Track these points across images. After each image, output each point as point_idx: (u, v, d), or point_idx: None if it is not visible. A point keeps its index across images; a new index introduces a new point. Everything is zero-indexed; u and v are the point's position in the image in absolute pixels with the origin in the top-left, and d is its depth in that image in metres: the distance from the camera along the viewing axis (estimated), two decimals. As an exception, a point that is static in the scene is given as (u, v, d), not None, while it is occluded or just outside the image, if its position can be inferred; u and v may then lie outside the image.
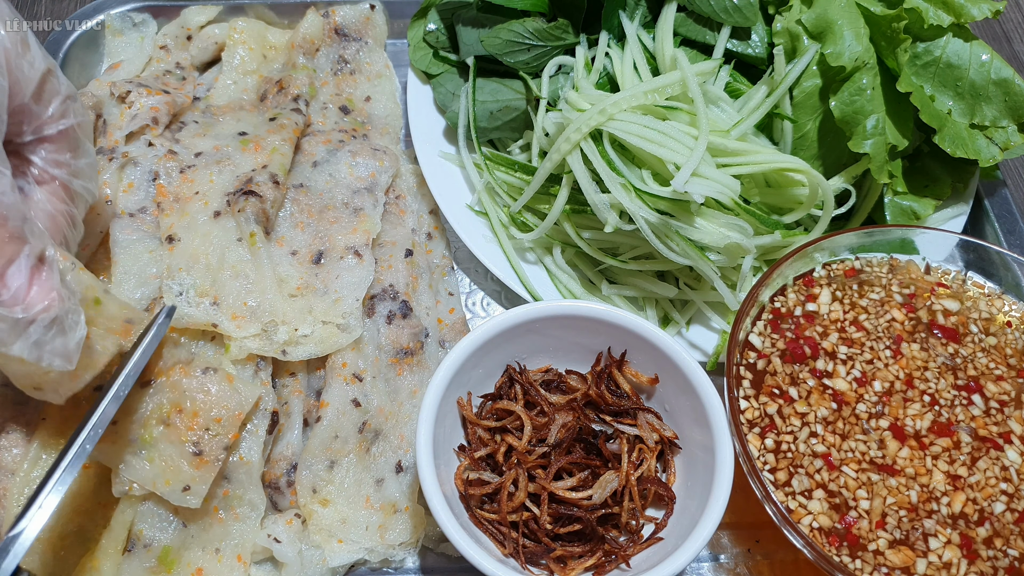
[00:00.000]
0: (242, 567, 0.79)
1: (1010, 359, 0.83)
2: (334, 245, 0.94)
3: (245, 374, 0.84)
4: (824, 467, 0.76)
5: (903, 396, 0.80)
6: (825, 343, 0.84)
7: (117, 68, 1.14)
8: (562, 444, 0.79)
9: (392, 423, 0.88)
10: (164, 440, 0.77)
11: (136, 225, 0.92)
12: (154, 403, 0.78)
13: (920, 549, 0.72)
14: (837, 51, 0.92)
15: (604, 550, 0.76)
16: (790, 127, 0.97)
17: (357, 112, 1.13)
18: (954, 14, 0.96)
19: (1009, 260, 0.88)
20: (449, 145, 1.10)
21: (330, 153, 1.02)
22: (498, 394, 0.86)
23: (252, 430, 0.81)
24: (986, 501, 0.74)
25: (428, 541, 0.84)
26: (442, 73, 1.11)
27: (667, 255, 0.89)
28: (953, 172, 1.02)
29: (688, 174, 0.85)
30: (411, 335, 0.92)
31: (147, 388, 0.79)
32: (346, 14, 1.17)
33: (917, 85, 0.95)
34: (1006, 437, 0.78)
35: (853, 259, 0.91)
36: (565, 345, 0.87)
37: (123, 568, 0.75)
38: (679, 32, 1.00)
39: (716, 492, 0.73)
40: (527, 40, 1.02)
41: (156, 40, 1.18)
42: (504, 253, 1.01)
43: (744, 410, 0.80)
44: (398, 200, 1.04)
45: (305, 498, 0.82)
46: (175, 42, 1.18)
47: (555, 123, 0.98)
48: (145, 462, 0.76)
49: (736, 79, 1.01)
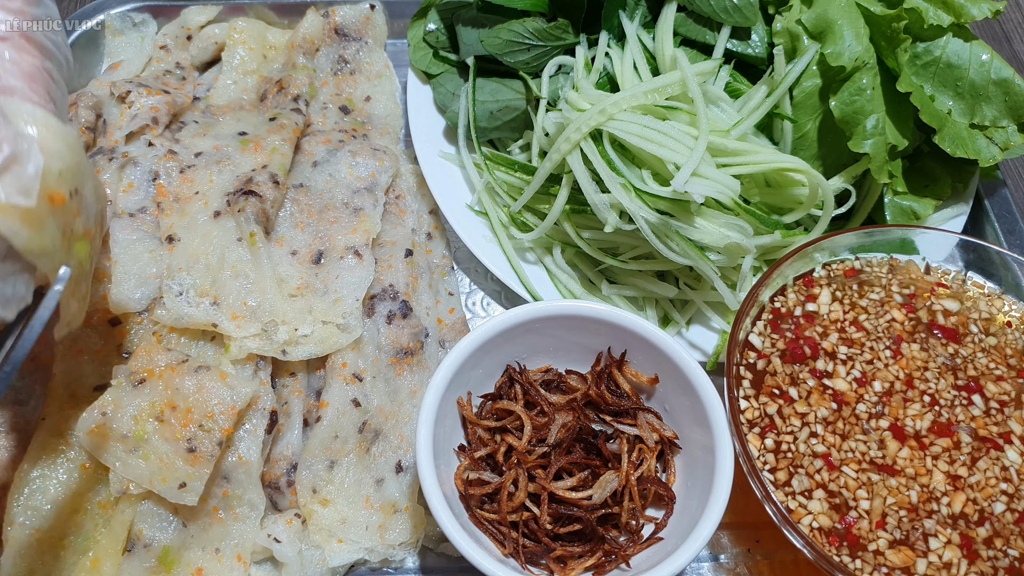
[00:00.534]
0: (242, 567, 0.79)
1: (1010, 359, 0.83)
2: (334, 245, 0.94)
3: (244, 374, 0.84)
4: (824, 467, 0.76)
5: (903, 396, 0.80)
6: (825, 343, 0.84)
7: (117, 68, 1.14)
8: (562, 444, 0.79)
9: (392, 423, 0.88)
10: (158, 437, 0.77)
11: (136, 225, 0.92)
12: (147, 401, 0.78)
13: (920, 549, 0.72)
14: (837, 51, 0.92)
15: (604, 550, 0.76)
16: (790, 127, 0.97)
17: (357, 112, 1.13)
18: (954, 14, 0.96)
19: (1009, 260, 0.88)
20: (449, 145, 1.10)
21: (330, 153, 1.02)
22: (498, 394, 0.86)
23: (251, 430, 0.81)
24: (986, 501, 0.74)
25: (428, 541, 0.84)
26: (442, 73, 1.11)
27: (667, 255, 0.89)
28: (953, 172, 1.02)
29: (688, 174, 0.85)
30: (411, 335, 0.92)
31: (141, 387, 0.79)
32: (346, 14, 1.18)
33: (917, 85, 0.95)
34: (1006, 437, 0.78)
35: (853, 259, 0.91)
36: (565, 345, 0.87)
37: (123, 568, 0.75)
38: (679, 32, 1.00)
39: (716, 492, 0.73)
40: (527, 40, 1.02)
41: (156, 40, 1.18)
42: (504, 253, 1.01)
43: (744, 410, 0.80)
44: (398, 200, 1.04)
45: (305, 498, 0.82)
46: (175, 42, 1.18)
47: (555, 123, 0.98)
48: (140, 460, 0.76)
49: (736, 79, 1.01)
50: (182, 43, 1.18)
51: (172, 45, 1.18)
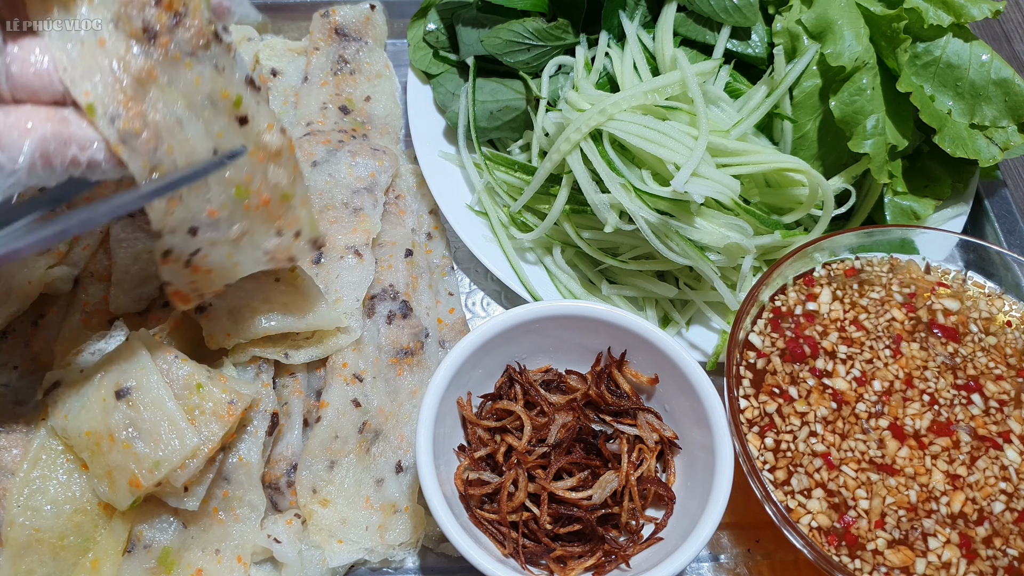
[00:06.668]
0: (242, 568, 0.79)
1: (1010, 359, 0.83)
2: (334, 245, 0.94)
3: (246, 376, 0.84)
4: (824, 466, 0.76)
5: (903, 396, 0.80)
6: (825, 342, 0.84)
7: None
8: (562, 444, 0.79)
9: (392, 423, 0.88)
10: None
11: (136, 224, 0.92)
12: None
13: (919, 549, 0.72)
14: (837, 51, 0.92)
15: (604, 550, 0.77)
16: (790, 127, 0.97)
17: (357, 112, 1.13)
18: (954, 14, 0.96)
19: (1009, 260, 0.88)
20: (449, 145, 1.10)
21: (330, 153, 1.02)
22: (498, 394, 0.86)
23: (252, 431, 0.81)
24: (985, 501, 0.74)
25: (428, 541, 0.84)
26: (442, 73, 1.11)
27: (667, 255, 0.89)
28: (953, 172, 1.02)
29: (688, 174, 0.85)
30: (411, 335, 0.92)
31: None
32: (346, 14, 1.17)
33: (917, 85, 0.95)
34: (1005, 437, 0.78)
35: (853, 259, 0.91)
36: (565, 345, 0.87)
37: (123, 569, 0.75)
38: (679, 32, 1.00)
39: (716, 492, 0.73)
40: (527, 40, 1.02)
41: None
42: (504, 253, 1.01)
43: (744, 409, 0.80)
44: (398, 200, 1.04)
45: (305, 498, 0.83)
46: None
47: (555, 123, 0.98)
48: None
49: (736, 79, 1.01)
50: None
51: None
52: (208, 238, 0.69)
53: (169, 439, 0.71)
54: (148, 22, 0.58)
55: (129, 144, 0.59)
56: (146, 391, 0.73)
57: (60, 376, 0.79)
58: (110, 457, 0.71)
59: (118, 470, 0.71)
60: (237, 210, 0.69)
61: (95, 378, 0.75)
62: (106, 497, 0.73)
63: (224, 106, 0.64)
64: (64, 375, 0.79)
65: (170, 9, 0.59)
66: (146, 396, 0.72)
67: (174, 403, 0.73)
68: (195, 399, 0.74)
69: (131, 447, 0.71)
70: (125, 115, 0.58)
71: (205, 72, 0.62)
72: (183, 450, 0.71)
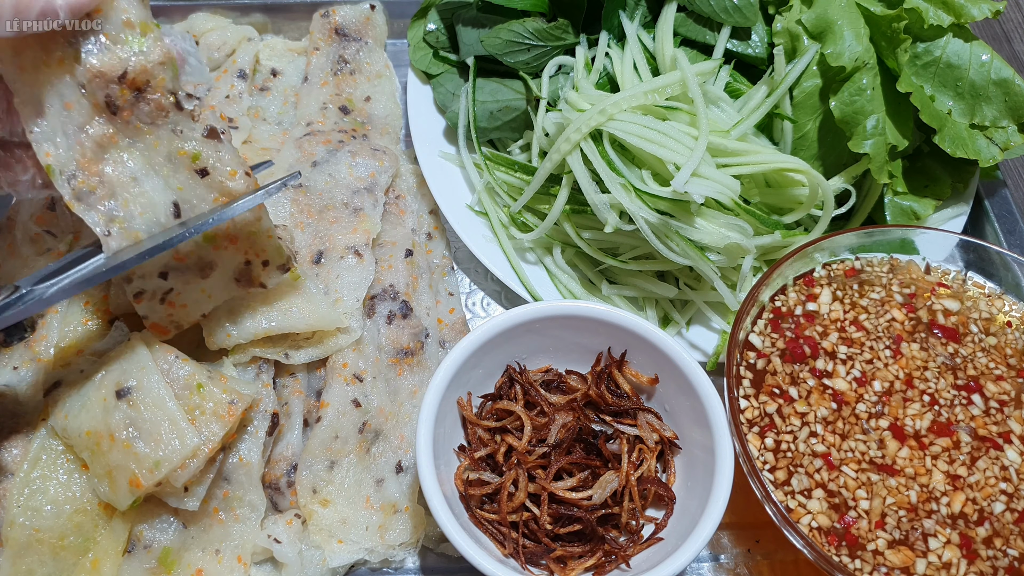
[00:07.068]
0: (242, 568, 0.79)
1: (1010, 359, 0.83)
2: (334, 245, 0.94)
3: (247, 376, 0.84)
4: (824, 467, 0.76)
5: (903, 396, 0.80)
6: (825, 343, 0.84)
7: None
8: (562, 444, 0.79)
9: (392, 423, 0.88)
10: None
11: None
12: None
13: (920, 549, 0.72)
14: (837, 51, 0.92)
15: (604, 550, 0.77)
16: (790, 127, 0.97)
17: (357, 112, 1.13)
18: (954, 14, 0.96)
19: (1009, 260, 0.88)
20: (449, 145, 1.10)
21: (330, 153, 1.02)
22: (498, 394, 0.86)
23: (252, 432, 0.81)
24: (986, 501, 0.74)
25: (428, 541, 0.84)
26: (442, 73, 1.11)
27: (667, 255, 0.89)
28: (953, 172, 1.02)
29: (688, 174, 0.85)
30: (411, 335, 0.92)
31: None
32: (346, 14, 1.17)
33: (917, 85, 0.95)
34: (1006, 437, 0.78)
35: (853, 259, 0.91)
36: (565, 345, 0.87)
37: (123, 569, 0.75)
38: (679, 32, 1.00)
39: (716, 492, 0.73)
40: (527, 40, 1.02)
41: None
42: (504, 253, 1.01)
43: (744, 409, 0.80)
44: (398, 200, 1.04)
45: (305, 498, 0.83)
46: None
47: (555, 123, 0.98)
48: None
49: (736, 79, 1.01)
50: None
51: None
52: (180, 279, 0.75)
53: (169, 439, 0.71)
54: (111, 98, 0.64)
55: (84, 201, 0.66)
56: (147, 391, 0.73)
57: (60, 376, 0.80)
58: (110, 457, 0.71)
59: (118, 470, 0.71)
60: (205, 252, 0.75)
61: (95, 378, 0.75)
62: (106, 497, 0.73)
63: (182, 162, 0.69)
64: (64, 375, 0.79)
65: (133, 87, 0.64)
66: (147, 396, 0.72)
67: (174, 403, 0.73)
68: (195, 399, 0.74)
69: (131, 447, 0.71)
70: (81, 176, 0.65)
71: (163, 135, 0.68)
72: (183, 450, 0.71)
